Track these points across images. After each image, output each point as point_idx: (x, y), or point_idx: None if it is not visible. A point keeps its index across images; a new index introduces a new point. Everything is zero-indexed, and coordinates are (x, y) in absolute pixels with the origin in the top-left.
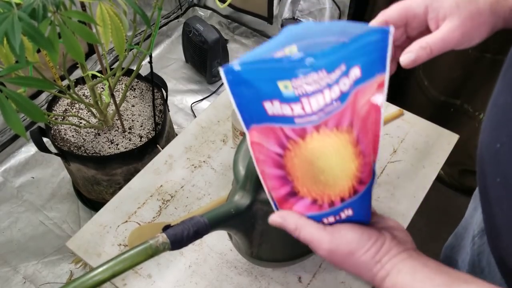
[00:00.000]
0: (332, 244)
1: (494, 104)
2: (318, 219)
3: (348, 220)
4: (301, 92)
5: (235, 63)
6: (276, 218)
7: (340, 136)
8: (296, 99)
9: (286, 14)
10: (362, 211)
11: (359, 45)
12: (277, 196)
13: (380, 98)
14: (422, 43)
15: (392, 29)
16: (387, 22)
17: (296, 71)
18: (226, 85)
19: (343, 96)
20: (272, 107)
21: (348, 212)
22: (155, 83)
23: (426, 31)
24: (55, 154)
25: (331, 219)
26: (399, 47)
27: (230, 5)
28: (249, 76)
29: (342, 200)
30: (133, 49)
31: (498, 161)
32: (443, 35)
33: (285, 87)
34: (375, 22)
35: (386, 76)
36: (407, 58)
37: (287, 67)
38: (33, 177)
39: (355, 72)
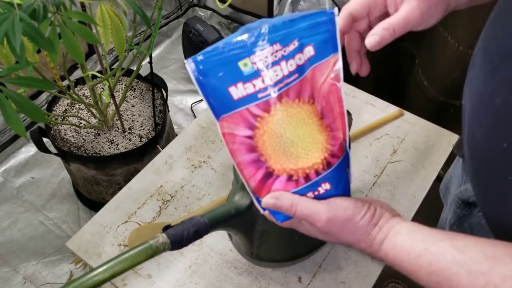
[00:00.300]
0: (330, 213)
1: (486, 105)
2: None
3: (328, 195)
4: (260, 66)
5: (197, 54)
6: (269, 199)
7: (303, 107)
8: (256, 74)
9: (286, 14)
10: (340, 185)
11: (308, 25)
12: (254, 184)
13: (337, 76)
14: (384, 25)
15: (336, 11)
16: (352, 15)
17: (252, 48)
18: (192, 77)
19: (299, 69)
20: (237, 91)
21: (326, 186)
22: (155, 83)
23: (386, 15)
24: (55, 154)
25: (310, 194)
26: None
27: (230, 6)
28: (212, 63)
29: (317, 173)
30: (133, 49)
31: (508, 160)
32: (404, 15)
33: (245, 65)
34: (341, 17)
35: (339, 56)
36: (372, 40)
37: (244, 46)
38: (33, 177)
39: (309, 50)
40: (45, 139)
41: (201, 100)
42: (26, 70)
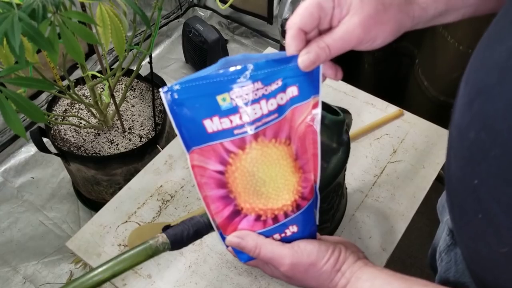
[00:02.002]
0: (293, 258)
1: (461, 137)
2: (264, 236)
3: (294, 238)
4: (239, 102)
5: (174, 84)
6: (233, 238)
7: (279, 147)
8: (234, 110)
9: (286, 14)
10: (307, 228)
11: (294, 65)
12: (221, 220)
13: (314, 118)
14: (320, 43)
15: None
16: (303, 31)
17: (233, 83)
18: (166, 106)
19: (280, 109)
20: (212, 124)
21: (294, 229)
22: (155, 83)
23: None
24: (55, 154)
25: (277, 236)
26: None
27: (230, 6)
28: (189, 94)
29: (286, 215)
30: (133, 49)
31: (478, 198)
32: (342, 34)
33: (223, 99)
34: (293, 36)
35: (319, 98)
36: (306, 59)
37: (225, 80)
38: (33, 177)
39: (293, 90)
40: (45, 139)
41: None
42: (26, 70)
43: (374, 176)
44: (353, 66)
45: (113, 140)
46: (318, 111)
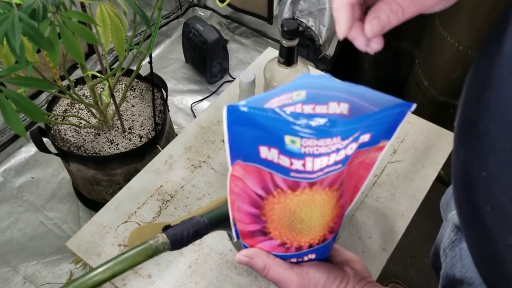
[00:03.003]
0: (300, 285)
1: (470, 129)
2: (281, 258)
3: (308, 261)
4: (309, 151)
5: (242, 104)
6: (242, 257)
7: (330, 194)
8: (300, 156)
9: (286, 14)
10: (324, 254)
11: (379, 117)
12: (242, 229)
13: (376, 160)
14: (392, 5)
15: (413, 107)
16: (352, 5)
17: (310, 131)
18: (224, 122)
19: (345, 159)
20: (268, 153)
21: (312, 256)
22: (155, 83)
23: None
24: (55, 154)
25: (293, 260)
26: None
27: (230, 5)
28: (256, 120)
29: (310, 246)
30: (133, 49)
31: (486, 190)
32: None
33: (292, 142)
34: (338, 3)
35: (388, 143)
36: (376, 24)
37: (302, 124)
38: (33, 177)
39: (365, 137)
40: (45, 139)
41: (201, 100)
42: (26, 70)
43: (374, 176)
44: (353, 66)
45: (113, 140)
46: (382, 153)
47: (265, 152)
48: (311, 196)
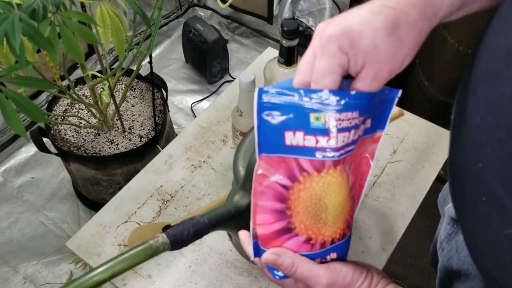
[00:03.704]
0: (330, 278)
1: (466, 122)
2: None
3: (331, 261)
4: (332, 126)
5: (271, 86)
6: (270, 255)
7: (344, 177)
8: (324, 131)
9: (286, 14)
10: (342, 256)
11: (379, 100)
12: (264, 233)
13: (374, 153)
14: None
15: (399, 93)
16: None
17: (332, 106)
18: (255, 105)
19: (356, 140)
20: (293, 138)
21: (333, 256)
22: (155, 83)
23: None
24: (55, 154)
25: (317, 260)
26: None
27: (230, 6)
28: (283, 102)
29: (332, 242)
30: (133, 49)
31: (482, 181)
32: (363, 87)
33: (317, 118)
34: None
35: (382, 133)
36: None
37: (325, 101)
38: (33, 177)
39: (368, 122)
40: (45, 139)
41: (201, 100)
42: (26, 70)
43: (374, 176)
44: None
45: (113, 140)
46: (378, 146)
47: (290, 137)
48: (335, 178)
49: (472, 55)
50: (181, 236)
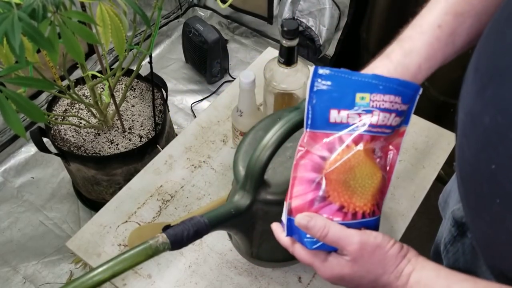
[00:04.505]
0: (362, 237)
1: (475, 123)
2: None
3: None
4: (375, 105)
5: (325, 68)
6: (302, 217)
7: (377, 160)
8: (368, 110)
9: (286, 14)
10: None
11: (410, 94)
12: (300, 203)
13: (400, 146)
14: None
15: (421, 90)
16: None
17: (377, 89)
18: (308, 82)
19: (393, 128)
20: (337, 116)
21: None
22: (155, 83)
23: None
24: (55, 154)
25: None
26: None
27: (230, 5)
28: (334, 82)
29: (363, 215)
30: (133, 49)
31: (496, 182)
32: None
33: (362, 98)
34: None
35: (406, 128)
36: None
37: (370, 83)
38: (33, 177)
39: (401, 115)
40: (45, 139)
41: (201, 100)
42: (26, 69)
43: None
44: (353, 67)
45: (113, 140)
46: (402, 139)
47: (334, 115)
48: (368, 152)
49: (474, 53)
50: (181, 236)
